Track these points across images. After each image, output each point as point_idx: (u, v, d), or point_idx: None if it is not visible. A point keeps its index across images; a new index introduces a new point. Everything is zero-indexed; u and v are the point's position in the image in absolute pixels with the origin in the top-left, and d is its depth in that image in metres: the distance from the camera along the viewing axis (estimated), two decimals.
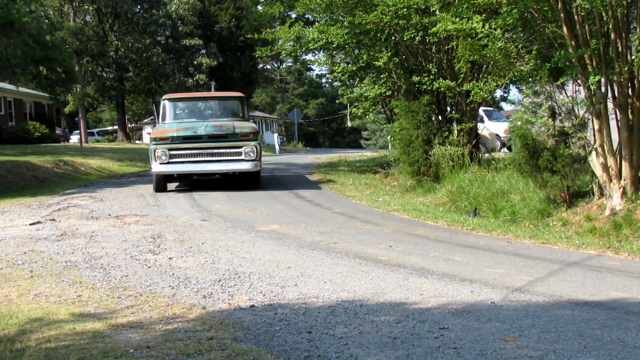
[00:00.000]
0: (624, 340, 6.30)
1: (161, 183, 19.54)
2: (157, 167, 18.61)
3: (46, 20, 31.64)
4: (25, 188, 23.43)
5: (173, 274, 9.05)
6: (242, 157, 18.18)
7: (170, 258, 10.20)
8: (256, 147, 18.31)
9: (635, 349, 6.03)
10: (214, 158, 18.54)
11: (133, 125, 69.15)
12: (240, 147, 18.12)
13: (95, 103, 65.92)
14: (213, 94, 30.60)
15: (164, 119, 21.33)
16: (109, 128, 68.77)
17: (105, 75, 61.65)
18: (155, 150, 18.34)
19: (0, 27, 24.30)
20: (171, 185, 22.49)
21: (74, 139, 58.30)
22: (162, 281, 8.63)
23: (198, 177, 25.41)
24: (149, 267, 9.50)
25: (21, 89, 47.24)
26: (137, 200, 18.75)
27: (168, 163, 18.43)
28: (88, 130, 60.97)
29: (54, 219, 14.88)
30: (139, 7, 61.59)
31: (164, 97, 21.67)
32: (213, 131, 18.93)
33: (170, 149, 18.20)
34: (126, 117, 66.95)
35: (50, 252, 10.58)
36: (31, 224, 14.08)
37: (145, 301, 7.61)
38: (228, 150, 18.51)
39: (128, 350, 5.85)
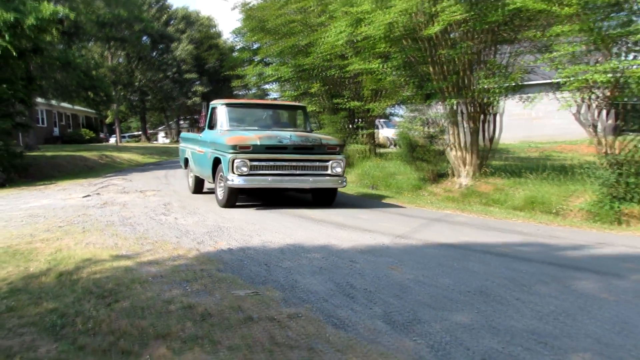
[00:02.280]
0: (467, 267, 6.42)
1: (232, 198, 11.59)
2: (235, 180, 10.92)
3: (92, 61, 31.16)
4: (79, 173, 23.10)
5: (178, 229, 9.01)
6: (329, 171, 11.60)
7: (176, 218, 10.15)
8: (342, 161, 11.97)
9: (474, 272, 6.15)
10: (297, 172, 11.42)
11: (151, 131, 68.44)
12: (327, 160, 11.58)
13: (126, 116, 65.39)
14: (274, 102, 20.00)
15: (217, 125, 12.75)
16: (135, 133, 68.00)
17: (132, 98, 61.45)
18: (233, 160, 10.91)
19: (61, 65, 24.11)
20: (176, 173, 22.14)
21: (112, 140, 57.68)
22: (170, 233, 8.59)
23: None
24: (162, 224, 9.45)
25: (76, 107, 46.60)
26: (154, 180, 18.58)
27: (249, 175, 10.98)
28: (121, 135, 60.42)
29: (98, 193, 14.74)
30: (154, 52, 61.38)
31: (219, 101, 13.40)
32: (299, 141, 11.57)
33: (251, 160, 10.99)
34: (146, 126, 66.38)
35: (96, 215, 10.48)
36: (83, 197, 13.93)
37: (160, 246, 7.58)
38: (314, 164, 11.55)
39: (148, 279, 5.84)
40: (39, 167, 23.55)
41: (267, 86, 34.61)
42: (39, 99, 31.12)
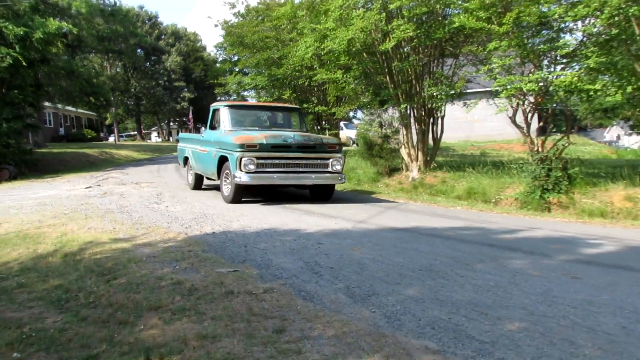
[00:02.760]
0: (417, 248, 6.46)
1: (238, 194, 10.62)
2: (243, 178, 10.02)
3: (93, 70, 30.79)
4: (82, 167, 22.77)
5: (168, 215, 8.92)
6: (329, 168, 10.92)
7: (167, 206, 10.05)
8: (342, 159, 11.31)
9: (423, 252, 6.18)
10: (300, 169, 10.70)
11: (145, 131, 67.94)
12: (328, 158, 10.92)
13: (123, 118, 64.65)
14: (273, 104, 17.80)
15: (219, 125, 11.71)
16: (131, 133, 67.35)
17: (128, 102, 60.87)
18: (241, 159, 10.06)
19: (66, 74, 23.87)
20: (167, 167, 21.97)
21: (111, 139, 56.92)
22: (162, 219, 8.50)
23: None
24: (154, 212, 9.35)
25: (79, 110, 46.03)
26: (148, 174, 18.38)
27: (256, 173, 10.14)
28: (119, 134, 59.77)
29: (99, 185, 14.54)
30: (147, 63, 60.89)
31: (221, 103, 12.40)
32: (302, 141, 10.89)
33: (258, 158, 10.17)
34: (141, 126, 65.77)
35: (97, 204, 10.34)
36: (86, 188, 13.74)
37: (152, 230, 7.50)
38: (316, 162, 10.85)
39: (142, 258, 5.78)
40: (47, 162, 23.26)
41: (245, 93, 34.66)
42: (46, 103, 30.92)
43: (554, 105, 13.00)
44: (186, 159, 13.92)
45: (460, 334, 3.63)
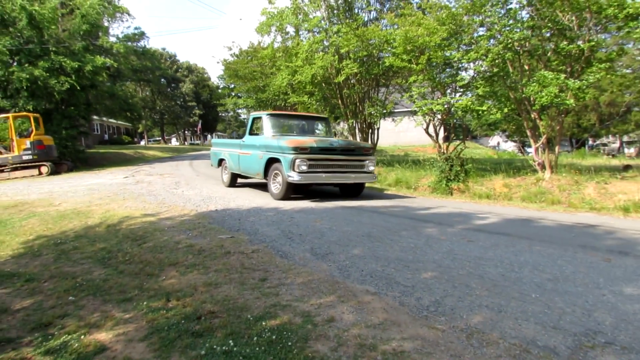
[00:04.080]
0: (360, 220, 6.45)
1: (288, 192, 8.91)
2: (295, 177, 8.53)
3: (129, 93, 30.05)
4: (120, 163, 22.16)
5: (184, 198, 8.74)
6: (365, 169, 9.37)
7: (182, 191, 9.84)
8: (374, 161, 9.76)
9: (365, 223, 6.16)
10: (343, 170, 9.19)
11: (167, 137, 66.58)
12: (364, 160, 9.38)
13: (151, 127, 63.25)
14: (305, 114, 13.73)
15: (262, 131, 9.95)
16: (157, 138, 65.86)
17: (154, 116, 59.36)
18: (295, 160, 8.53)
19: (109, 96, 23.37)
20: (183, 163, 21.57)
21: (142, 143, 55.46)
22: (179, 200, 8.32)
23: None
24: (173, 195, 9.14)
25: (119, 122, 44.84)
26: (169, 168, 17.97)
27: (307, 173, 8.61)
28: (148, 139, 58.64)
29: (133, 176, 14.16)
30: (169, 89, 59.63)
31: (263, 112, 10.39)
32: (345, 145, 9.56)
33: (309, 159, 8.65)
34: (164, 134, 64.45)
35: (132, 189, 10.07)
36: (123, 178, 13.38)
37: (172, 208, 7.33)
38: (355, 163, 9.30)
39: (164, 228, 5.65)
40: (95, 159, 22.65)
41: (239, 111, 34.32)
42: (94, 116, 30.31)
43: (455, 120, 13.16)
44: (220, 161, 11.96)
45: (390, 281, 3.63)
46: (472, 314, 2.94)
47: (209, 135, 69.66)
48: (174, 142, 67.56)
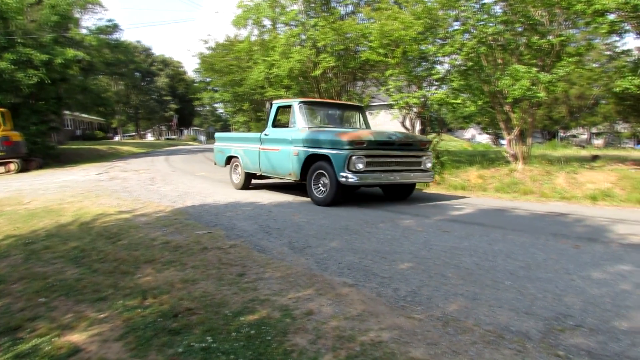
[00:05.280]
0: (337, 214, 6.44)
1: (339, 195, 7.10)
2: (351, 177, 6.74)
3: (102, 87, 29.42)
4: (94, 159, 21.68)
5: (160, 193, 8.61)
6: (421, 166, 7.65)
7: (158, 187, 9.68)
8: (431, 156, 7.94)
9: (342, 216, 6.18)
10: (401, 168, 7.44)
11: (142, 132, 65.33)
12: (421, 156, 7.63)
13: (125, 122, 61.94)
14: (339, 102, 11.65)
15: (295, 123, 8.00)
16: (132, 133, 64.54)
17: (129, 111, 58.18)
18: (351, 157, 6.78)
19: (81, 90, 22.78)
20: (159, 158, 21.23)
21: (116, 138, 54.28)
22: (155, 196, 8.19)
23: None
24: (149, 191, 9.00)
25: (92, 117, 43.82)
26: (144, 163, 17.66)
27: (364, 172, 6.88)
28: (122, 135, 57.49)
29: (107, 172, 13.87)
30: (143, 83, 58.51)
31: (294, 100, 8.35)
32: (404, 138, 7.67)
33: (367, 156, 6.91)
34: (139, 129, 63.25)
35: (106, 186, 9.87)
36: (97, 174, 13.08)
37: (147, 205, 7.21)
38: (412, 160, 7.56)
39: (140, 225, 5.55)
40: (66, 155, 22.07)
41: (215, 105, 34.00)
42: (66, 111, 29.50)
43: (431, 113, 13.29)
44: (229, 159, 10.07)
45: (368, 272, 3.66)
46: (448, 303, 2.99)
47: (185, 130, 68.72)
48: (149, 137, 66.35)
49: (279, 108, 8.77)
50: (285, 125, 8.78)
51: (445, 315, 2.79)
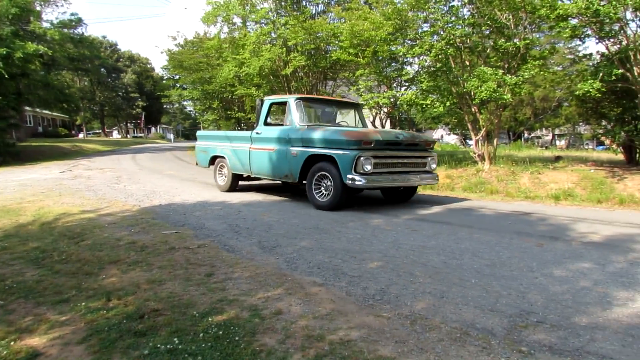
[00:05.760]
0: (308, 213, 6.44)
1: (344, 198, 6.61)
2: (359, 180, 6.24)
3: (65, 83, 28.44)
4: (56, 157, 20.97)
5: (126, 192, 8.41)
6: (426, 167, 7.35)
7: (124, 186, 9.46)
8: (436, 157, 7.61)
9: (312, 215, 6.18)
10: (407, 169, 7.04)
11: (108, 130, 63.63)
12: (426, 157, 7.33)
13: (90, 120, 60.12)
14: (336, 99, 10.58)
15: (293, 120, 7.44)
16: (97, 131, 62.83)
17: (94, 108, 56.43)
18: (359, 158, 6.28)
19: (42, 85, 21.93)
20: (125, 157, 20.74)
21: (80, 135, 52.64)
22: (120, 195, 8.00)
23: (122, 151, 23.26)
24: (115, 190, 8.78)
25: (55, 114, 42.32)
26: (110, 162, 17.21)
27: (372, 174, 6.40)
28: (87, 132, 55.83)
29: (70, 170, 13.46)
30: (109, 79, 56.91)
31: (290, 96, 7.77)
32: (410, 138, 7.24)
33: (374, 157, 6.44)
34: (105, 126, 61.57)
35: (68, 184, 9.56)
36: (59, 172, 12.67)
37: (113, 204, 7.04)
38: (417, 161, 7.20)
39: (105, 225, 5.41)
40: (27, 153, 21.25)
41: (185, 102, 33.48)
42: (27, 108, 28.49)
43: (400, 113, 13.45)
44: (214, 159, 9.37)
45: (337, 272, 3.67)
46: (416, 301, 3.03)
47: (152, 128, 67.33)
48: (116, 135, 64.79)
49: (272, 104, 8.25)
50: (279, 123, 8.30)
51: (413, 314, 2.83)
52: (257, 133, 8.05)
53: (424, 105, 11.09)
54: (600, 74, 8.64)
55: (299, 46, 14.22)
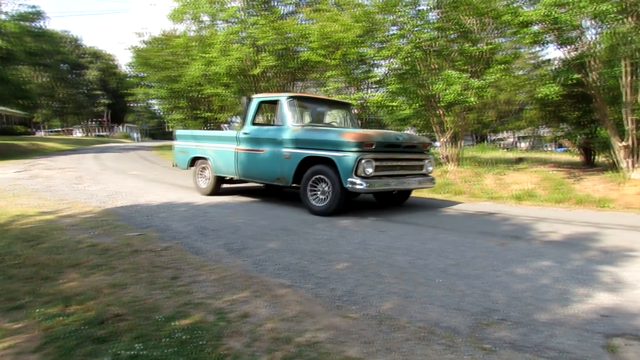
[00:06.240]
0: (276, 214, 6.41)
1: (343, 203, 6.28)
2: (359, 184, 5.92)
3: (21, 78, 27.27)
4: (13, 156, 20.09)
5: (87, 193, 8.14)
6: (423, 170, 7.04)
7: (86, 186, 9.15)
8: (432, 160, 7.34)
9: (281, 216, 6.15)
10: (406, 172, 6.74)
11: (69, 128, 61.50)
12: (423, 159, 7.02)
13: (50, 117, 58.06)
14: (328, 98, 9.81)
15: (285, 120, 6.97)
16: (57, 129, 60.68)
17: (54, 105, 54.47)
18: (360, 160, 5.93)
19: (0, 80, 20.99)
20: (87, 156, 20.12)
21: (40, 133, 50.72)
22: (82, 196, 7.74)
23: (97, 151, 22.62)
24: (76, 190, 8.49)
25: (11, 110, 40.56)
26: (71, 161, 16.64)
27: (372, 178, 6.06)
28: (47, 130, 53.88)
29: (28, 169, 12.90)
30: (71, 75, 55.10)
31: (282, 95, 7.31)
32: (409, 140, 6.89)
33: (376, 159, 6.10)
34: (66, 124, 59.55)
35: (25, 184, 9.18)
36: (16, 172, 12.13)
37: (74, 205, 6.80)
38: (415, 163, 6.90)
39: (64, 227, 5.22)
40: None
41: (151, 101, 32.75)
42: None
43: (369, 115, 13.56)
44: (194, 160, 8.80)
45: (305, 273, 3.66)
46: (383, 301, 3.05)
47: (117, 127, 65.59)
48: (78, 134, 62.77)
49: (261, 103, 7.79)
50: (267, 123, 7.87)
51: (380, 314, 2.85)
52: (245, 133, 7.61)
53: (392, 107, 11.23)
54: (559, 79, 8.96)
55: (268, 46, 14.14)
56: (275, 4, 16.47)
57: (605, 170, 9.53)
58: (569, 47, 9.38)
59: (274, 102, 7.55)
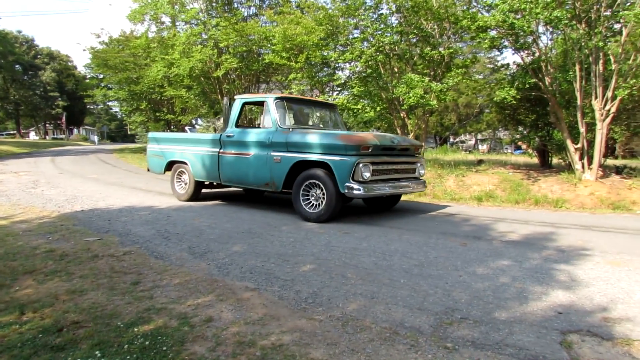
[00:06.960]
0: (240, 217, 6.36)
1: (337, 208, 5.95)
2: (356, 189, 5.62)
3: None
4: None
5: (44, 198, 7.83)
6: (415, 174, 6.80)
7: (42, 190, 8.81)
8: (424, 163, 7.15)
9: (245, 219, 6.10)
10: (400, 175, 6.46)
11: (24, 130, 59.01)
12: (415, 162, 6.78)
13: (3, 120, 55.51)
14: (315, 99, 8.59)
15: (276, 121, 6.59)
16: (11, 132, 58.07)
17: (7, 107, 52.16)
18: (358, 164, 5.65)
19: None
20: (43, 159, 19.32)
21: None
22: (38, 201, 7.44)
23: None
24: (31, 195, 8.15)
25: None
26: (26, 165, 15.95)
27: (369, 182, 5.80)
28: (0, 133, 51.69)
29: None
30: (25, 77, 52.87)
31: (268, 95, 6.95)
32: (403, 142, 6.57)
33: (372, 163, 5.82)
34: (20, 127, 57.05)
35: None
36: None
37: (29, 210, 6.53)
38: (408, 167, 6.61)
39: (19, 233, 5.01)
40: None
41: (110, 103, 31.88)
42: None
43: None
44: (170, 165, 8.40)
45: (270, 276, 3.64)
46: (348, 303, 3.07)
47: (75, 129, 63.38)
48: (33, 137, 60.28)
49: (245, 104, 7.42)
50: (251, 125, 7.66)
51: (344, 315, 2.87)
52: (228, 136, 7.18)
53: (356, 110, 11.34)
54: (516, 83, 9.28)
55: (231, 48, 14.02)
56: (238, 6, 16.38)
57: (560, 171, 9.93)
58: (525, 52, 9.74)
59: (260, 104, 7.27)
